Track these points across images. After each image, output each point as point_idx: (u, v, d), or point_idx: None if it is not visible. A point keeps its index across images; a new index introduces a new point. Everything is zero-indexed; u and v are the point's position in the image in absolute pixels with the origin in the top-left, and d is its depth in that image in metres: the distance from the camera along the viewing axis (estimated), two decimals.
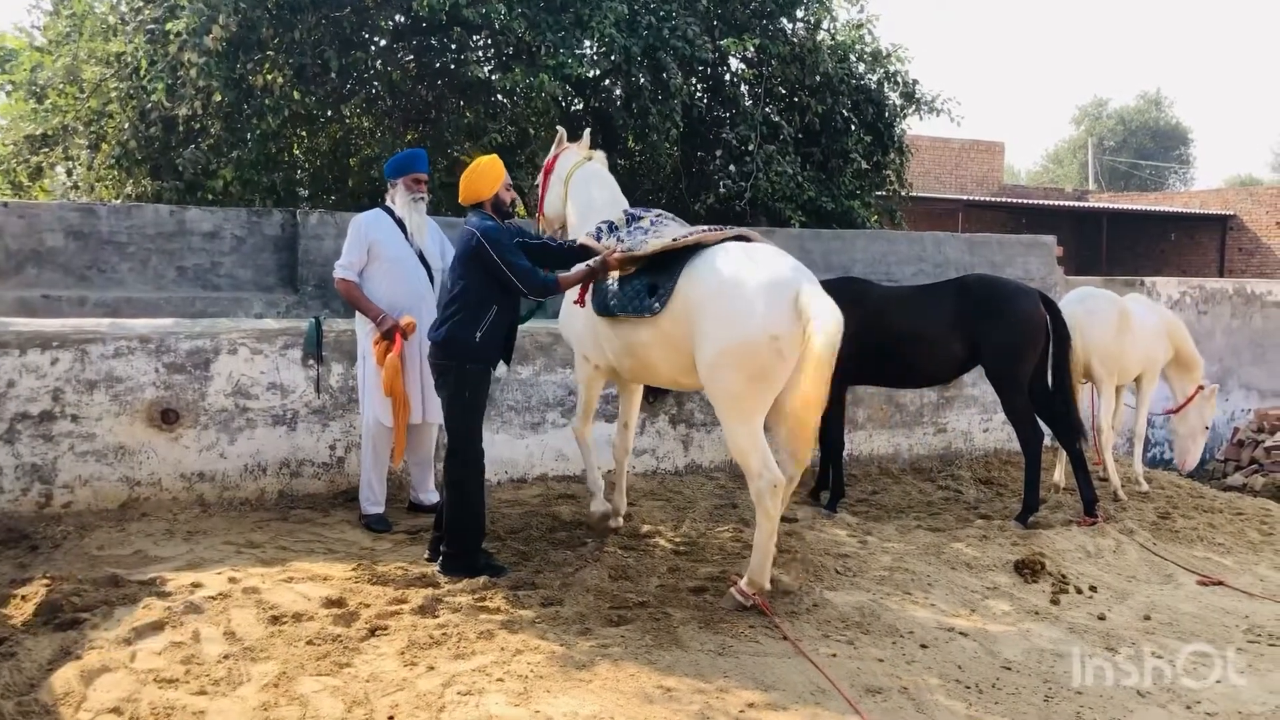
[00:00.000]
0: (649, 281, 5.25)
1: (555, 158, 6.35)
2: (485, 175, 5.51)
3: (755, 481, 4.96)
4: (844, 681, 4.29)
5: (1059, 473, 8.08)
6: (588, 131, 6.58)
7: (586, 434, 6.25)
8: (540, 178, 6.43)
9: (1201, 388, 8.55)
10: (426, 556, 5.59)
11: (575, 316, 5.92)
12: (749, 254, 5.10)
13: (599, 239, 5.52)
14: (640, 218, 5.64)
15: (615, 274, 5.45)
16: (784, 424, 5.03)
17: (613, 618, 4.83)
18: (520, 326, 5.82)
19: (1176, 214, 25.67)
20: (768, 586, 5.10)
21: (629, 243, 5.36)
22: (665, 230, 5.40)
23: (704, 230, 5.27)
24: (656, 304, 5.17)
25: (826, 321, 4.73)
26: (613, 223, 5.62)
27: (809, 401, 4.77)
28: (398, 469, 6.64)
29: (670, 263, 5.19)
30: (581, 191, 6.13)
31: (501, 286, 5.30)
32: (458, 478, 5.36)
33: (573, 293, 5.67)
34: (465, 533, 5.37)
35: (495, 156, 5.72)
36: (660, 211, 5.74)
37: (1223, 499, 8.34)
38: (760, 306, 4.82)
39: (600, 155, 6.37)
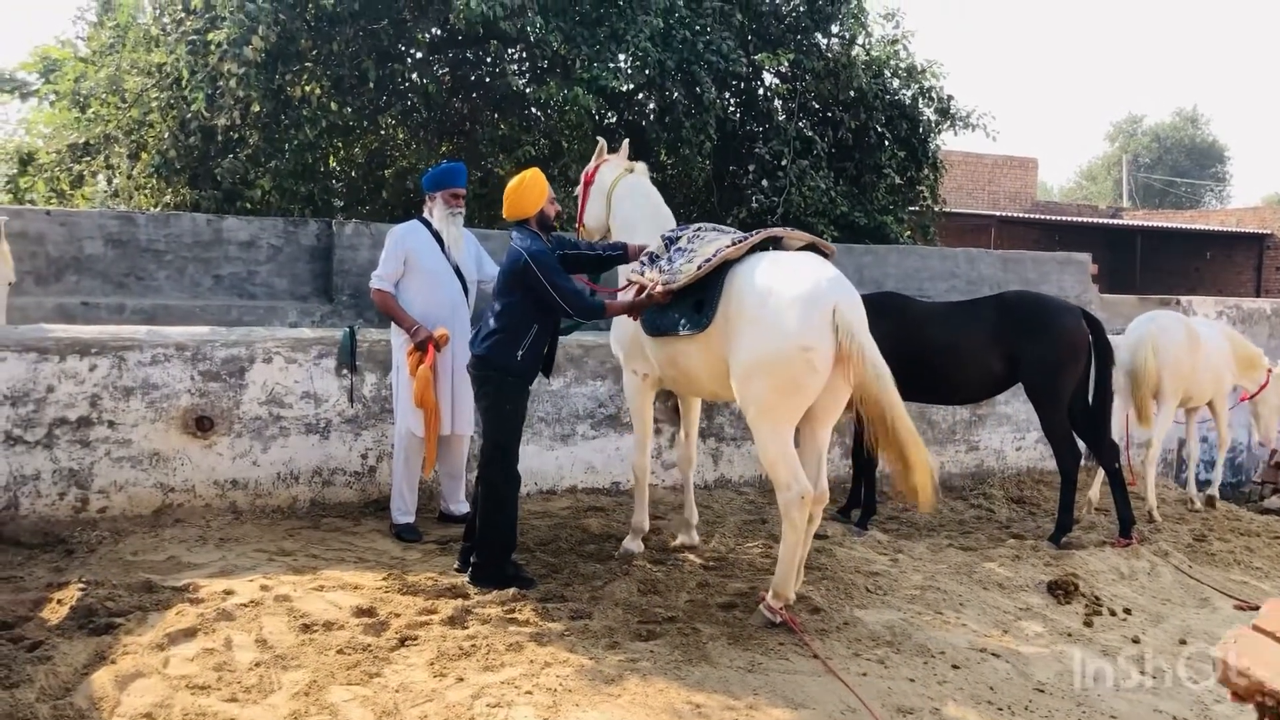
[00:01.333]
0: (695, 299, 5.25)
1: (595, 169, 6.34)
2: (530, 191, 5.51)
3: (784, 493, 4.96)
4: (875, 701, 4.26)
5: (1095, 489, 8.00)
6: (626, 143, 6.57)
7: (646, 465, 6.19)
8: (580, 189, 6.44)
9: (1271, 370, 8.84)
10: (456, 567, 5.61)
11: (623, 329, 5.94)
12: (790, 265, 5.09)
13: (642, 273, 5.54)
14: (677, 239, 5.63)
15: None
16: (886, 443, 5.00)
17: (642, 632, 4.82)
18: None
19: (1212, 232, 25.39)
20: (792, 598, 5.08)
21: (669, 272, 5.37)
22: (702, 248, 5.40)
23: (730, 246, 5.24)
24: (705, 319, 5.17)
25: (863, 330, 4.90)
26: (654, 254, 5.63)
27: (894, 405, 4.90)
28: (428, 479, 6.67)
29: (713, 276, 5.19)
30: (625, 205, 6.13)
31: (545, 307, 5.32)
32: (493, 490, 5.38)
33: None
34: (496, 544, 5.39)
35: (538, 171, 5.69)
36: (700, 225, 5.72)
37: (1260, 522, 8.23)
38: (795, 319, 4.82)
39: (641, 166, 6.36)
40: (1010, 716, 4.29)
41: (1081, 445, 7.14)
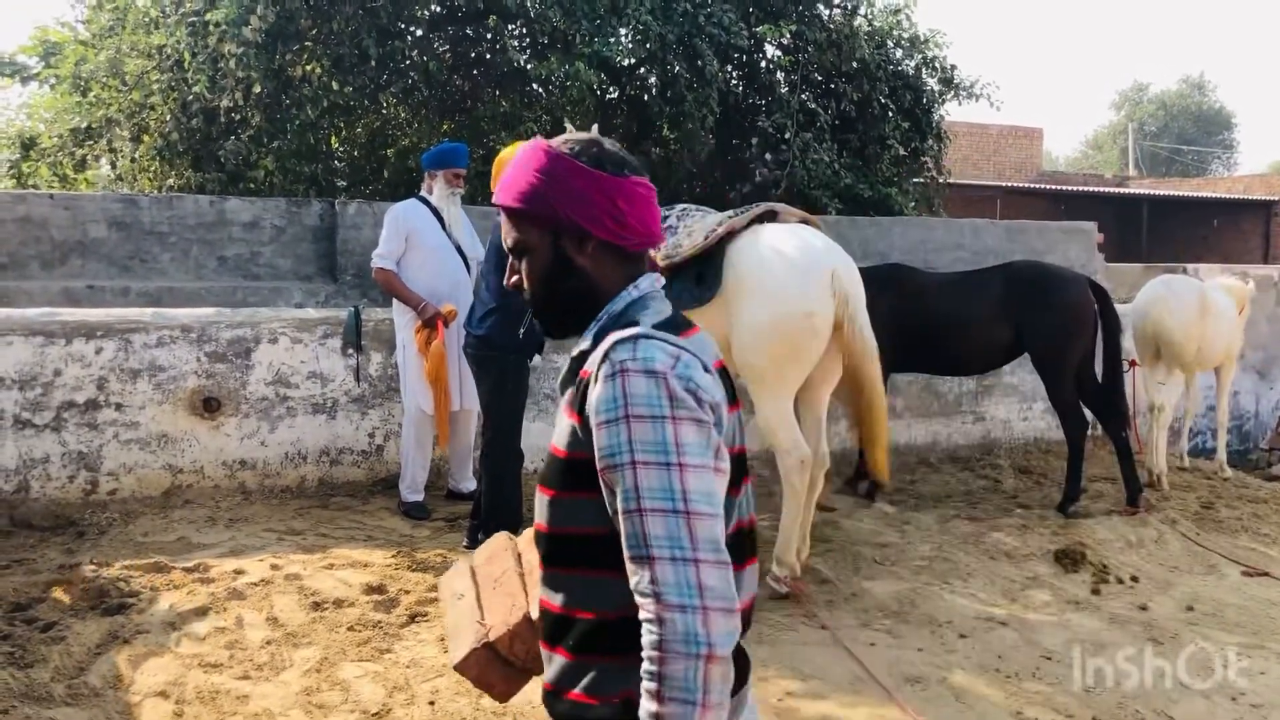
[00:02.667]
0: (696, 272, 5.27)
1: None
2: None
3: (784, 459, 5.03)
4: (883, 670, 4.28)
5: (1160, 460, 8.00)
6: (595, 126, 6.54)
7: None
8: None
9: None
10: (465, 545, 5.63)
11: None
12: (786, 235, 5.15)
13: None
14: (665, 218, 5.67)
15: None
16: (858, 413, 5.10)
17: None
18: None
19: (1219, 200, 25.25)
20: (795, 564, 5.11)
21: (665, 249, 5.38)
22: (695, 224, 5.43)
23: (730, 217, 5.30)
24: (708, 292, 5.20)
25: (860, 299, 5.00)
26: None
27: (874, 380, 5.00)
28: (438, 457, 6.68)
29: (712, 250, 5.20)
30: None
31: None
32: (497, 467, 5.40)
33: None
34: (502, 521, 5.40)
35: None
36: (685, 206, 5.79)
37: (1268, 489, 8.23)
38: (797, 285, 4.91)
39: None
40: (1018, 684, 4.31)
41: (1088, 414, 7.15)
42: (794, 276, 4.92)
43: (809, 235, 5.16)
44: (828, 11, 12.37)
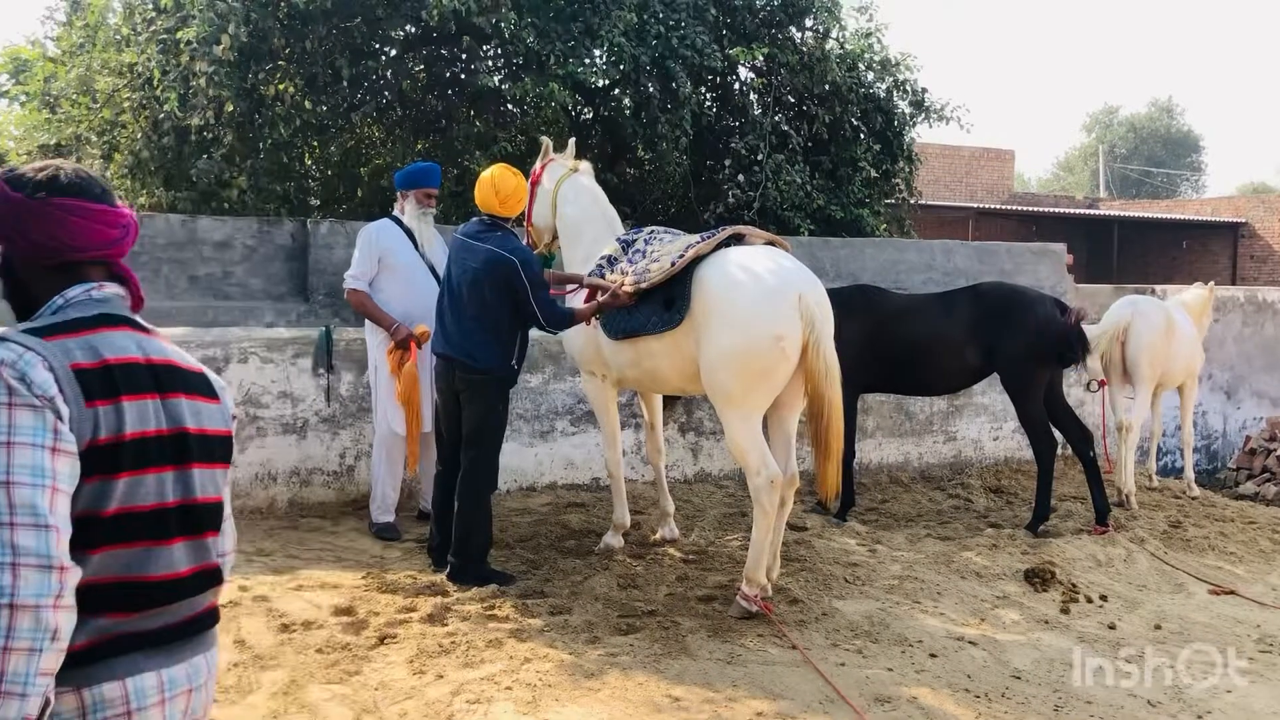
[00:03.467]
0: (665, 297, 5.28)
1: (542, 168, 6.31)
2: (522, 190, 5.51)
3: (754, 478, 5.03)
4: (852, 691, 4.29)
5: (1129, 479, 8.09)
6: (572, 141, 6.54)
7: (619, 460, 6.22)
8: (527, 188, 6.39)
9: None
10: (433, 567, 5.60)
11: (577, 334, 5.93)
12: (754, 258, 5.17)
13: (602, 275, 5.58)
14: (633, 241, 5.71)
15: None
16: (815, 435, 5.11)
17: (621, 626, 4.84)
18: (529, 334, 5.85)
19: (1188, 221, 25.57)
20: (765, 583, 5.11)
21: (634, 274, 5.40)
22: (663, 248, 5.45)
23: (698, 242, 5.31)
24: (677, 316, 5.20)
25: (826, 322, 5.02)
26: (611, 256, 5.68)
27: (833, 404, 4.99)
28: (409, 478, 6.65)
29: (679, 274, 5.21)
30: (570, 206, 6.13)
31: (518, 312, 5.31)
32: (476, 490, 5.39)
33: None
34: (475, 542, 5.40)
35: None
36: (652, 229, 5.82)
37: (1234, 508, 8.31)
38: (766, 308, 4.92)
39: (586, 166, 6.36)
40: (987, 704, 4.32)
41: (1058, 434, 7.20)
42: (762, 299, 4.93)
43: (777, 257, 5.19)
44: (800, 35, 12.47)
